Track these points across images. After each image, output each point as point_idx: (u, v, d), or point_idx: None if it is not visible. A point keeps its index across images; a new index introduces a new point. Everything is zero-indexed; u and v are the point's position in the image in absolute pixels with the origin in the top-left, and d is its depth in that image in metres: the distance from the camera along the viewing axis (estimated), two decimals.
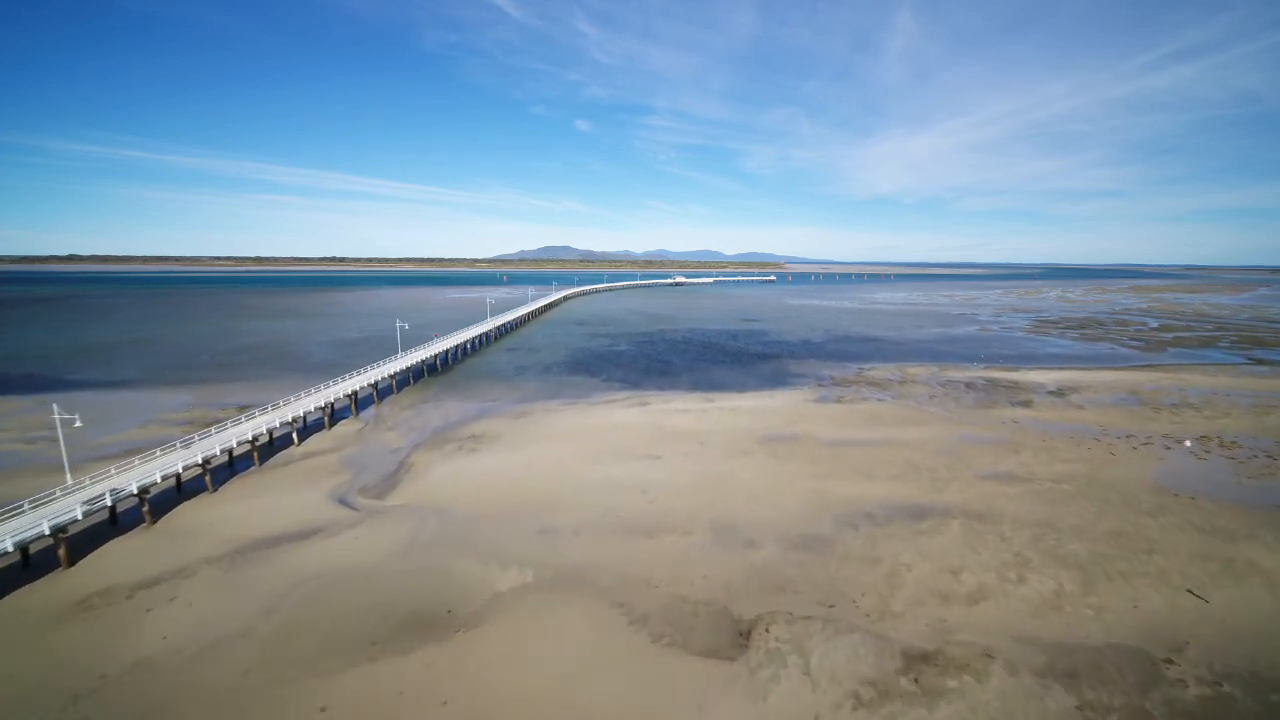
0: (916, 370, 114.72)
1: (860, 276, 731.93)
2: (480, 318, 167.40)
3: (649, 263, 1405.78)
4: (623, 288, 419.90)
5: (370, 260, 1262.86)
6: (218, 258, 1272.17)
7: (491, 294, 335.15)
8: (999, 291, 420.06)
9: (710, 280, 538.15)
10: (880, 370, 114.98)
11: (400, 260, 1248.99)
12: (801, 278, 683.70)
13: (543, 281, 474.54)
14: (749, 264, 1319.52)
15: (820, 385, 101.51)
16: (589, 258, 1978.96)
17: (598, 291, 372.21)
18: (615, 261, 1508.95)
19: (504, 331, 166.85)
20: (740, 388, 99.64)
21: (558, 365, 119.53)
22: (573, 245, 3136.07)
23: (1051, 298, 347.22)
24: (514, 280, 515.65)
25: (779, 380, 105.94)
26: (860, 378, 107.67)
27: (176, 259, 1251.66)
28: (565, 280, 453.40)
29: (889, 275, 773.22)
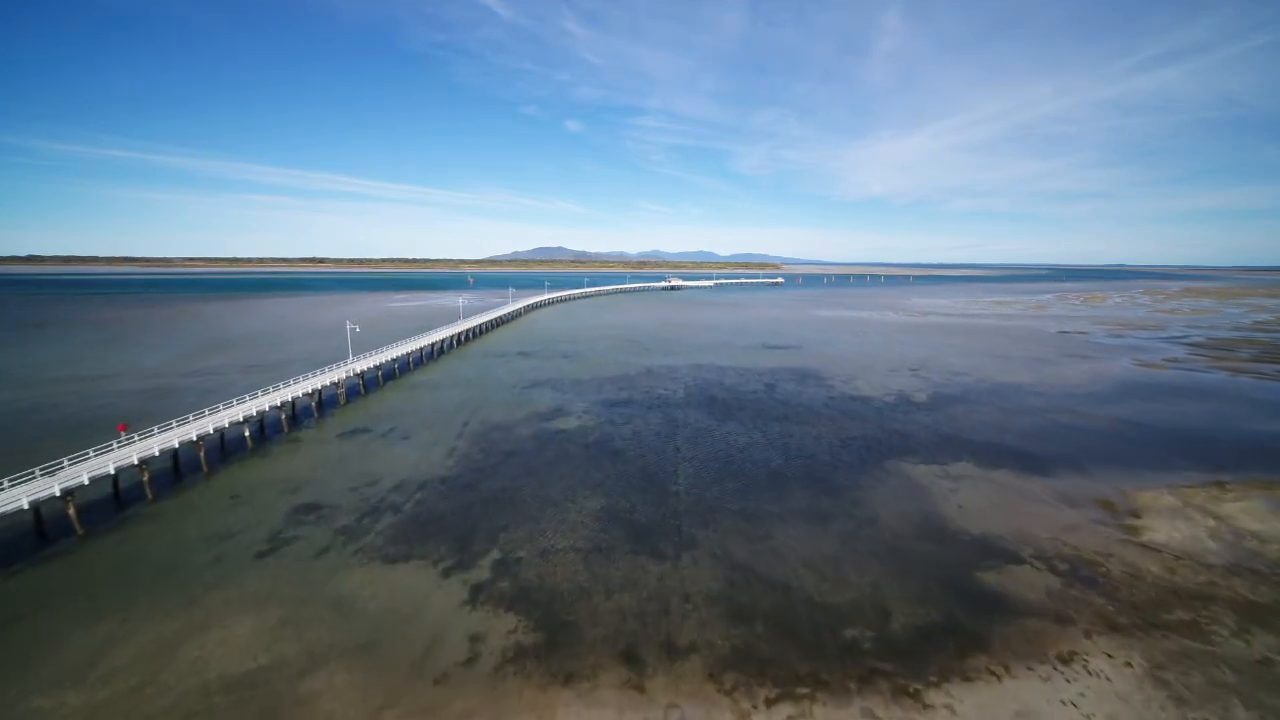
0: (1243, 514, 47.55)
1: (878, 278, 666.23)
2: (392, 339, 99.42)
3: (643, 263, 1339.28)
4: (608, 293, 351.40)
5: (353, 261, 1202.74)
6: (191, 259, 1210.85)
7: (445, 300, 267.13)
8: (1049, 296, 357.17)
9: (710, 283, 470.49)
10: (1167, 520, 47.63)
11: (383, 261, 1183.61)
12: (812, 279, 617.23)
13: (519, 284, 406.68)
14: (745, 264, 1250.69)
15: (1114, 626, 33.79)
16: (582, 258, 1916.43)
17: (575, 299, 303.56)
18: (609, 262, 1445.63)
19: (389, 373, 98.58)
20: (880, 663, 31.85)
21: (404, 501, 51.42)
22: (566, 246, 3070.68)
23: (1125, 304, 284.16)
24: (483, 284, 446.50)
25: (961, 595, 37.95)
26: (1175, 591, 40.03)
27: (145, 260, 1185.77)
28: (534, 283, 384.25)
29: (908, 277, 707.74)
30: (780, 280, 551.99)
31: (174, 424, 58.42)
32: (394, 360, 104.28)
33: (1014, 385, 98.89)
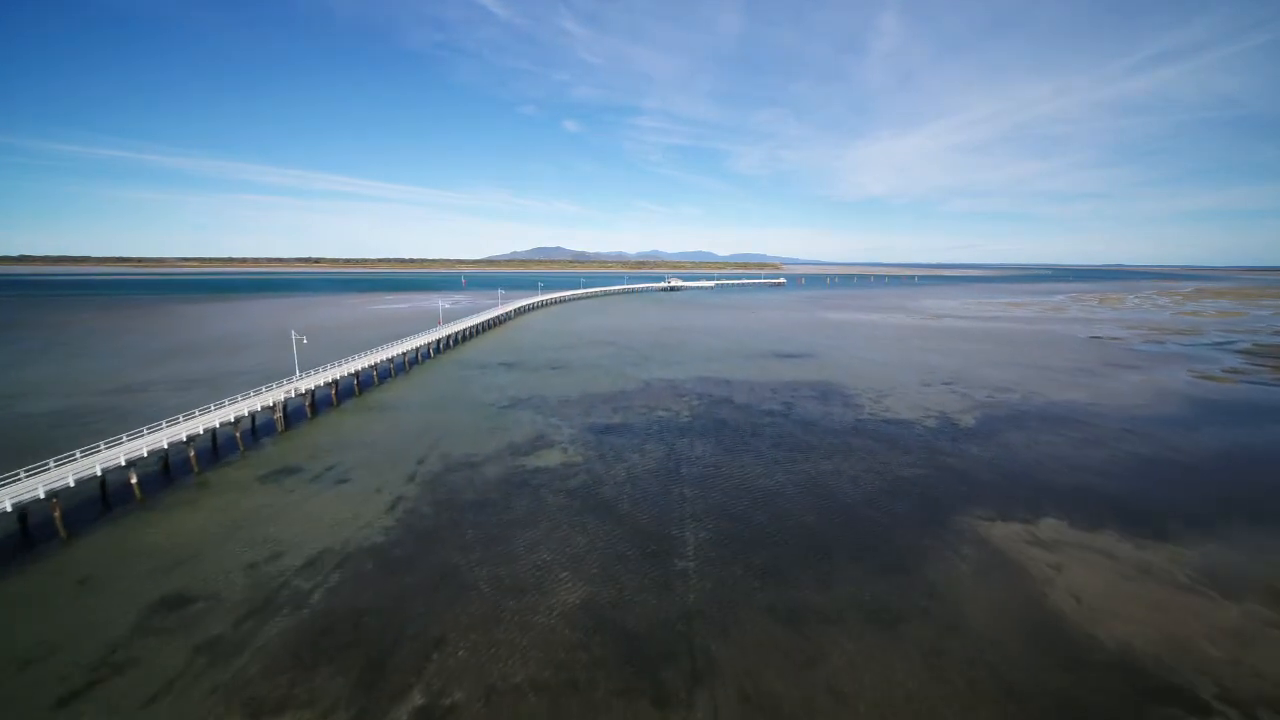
0: None
1: (881, 278, 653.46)
2: (366, 346, 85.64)
3: (642, 263, 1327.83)
4: (606, 294, 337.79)
5: (349, 261, 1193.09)
6: (185, 259, 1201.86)
7: (436, 301, 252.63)
8: (1062, 297, 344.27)
9: (711, 284, 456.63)
10: None
11: (379, 261, 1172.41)
12: (814, 279, 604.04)
13: (515, 285, 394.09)
14: (744, 265, 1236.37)
15: None
16: (581, 258, 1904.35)
17: (570, 300, 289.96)
18: (607, 262, 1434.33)
19: (348, 390, 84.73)
20: None
21: (311, 589, 37.46)
22: (564, 246, 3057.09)
23: (1145, 306, 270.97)
24: (477, 284, 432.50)
25: None
26: None
27: (138, 260, 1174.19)
28: (529, 284, 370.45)
29: (913, 277, 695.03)
30: (782, 281, 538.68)
31: (22, 474, 44.59)
32: (354, 374, 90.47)
33: (1070, 404, 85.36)
